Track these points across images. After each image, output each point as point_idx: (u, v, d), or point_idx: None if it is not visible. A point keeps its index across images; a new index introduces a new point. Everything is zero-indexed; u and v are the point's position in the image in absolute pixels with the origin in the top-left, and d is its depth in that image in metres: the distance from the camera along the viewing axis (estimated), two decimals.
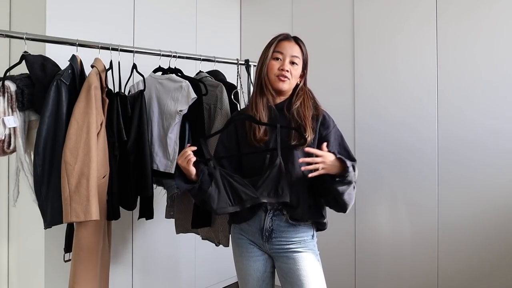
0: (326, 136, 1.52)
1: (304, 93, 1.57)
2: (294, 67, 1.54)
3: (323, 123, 1.53)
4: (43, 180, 1.61)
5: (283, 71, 1.51)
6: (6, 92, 1.55)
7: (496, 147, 2.20)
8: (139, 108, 1.86)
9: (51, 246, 2.09)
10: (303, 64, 1.58)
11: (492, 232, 2.21)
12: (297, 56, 1.54)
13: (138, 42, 2.52)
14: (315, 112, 1.54)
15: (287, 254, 1.50)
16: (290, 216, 1.50)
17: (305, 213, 1.49)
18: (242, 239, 1.59)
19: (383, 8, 2.60)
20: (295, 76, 1.54)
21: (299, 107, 1.53)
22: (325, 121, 1.54)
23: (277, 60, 1.53)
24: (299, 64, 1.55)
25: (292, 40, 1.57)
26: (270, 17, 3.15)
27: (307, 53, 1.59)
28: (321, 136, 1.52)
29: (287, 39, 1.56)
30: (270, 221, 1.51)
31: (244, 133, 1.56)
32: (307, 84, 1.62)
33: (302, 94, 1.56)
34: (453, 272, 2.32)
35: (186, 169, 1.45)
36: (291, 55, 1.53)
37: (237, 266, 1.64)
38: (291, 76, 1.53)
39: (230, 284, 3.16)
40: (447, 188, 2.35)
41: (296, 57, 1.54)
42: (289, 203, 1.46)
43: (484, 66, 2.24)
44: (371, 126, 2.63)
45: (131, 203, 1.90)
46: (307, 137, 1.46)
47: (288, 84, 1.53)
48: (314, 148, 1.44)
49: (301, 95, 1.56)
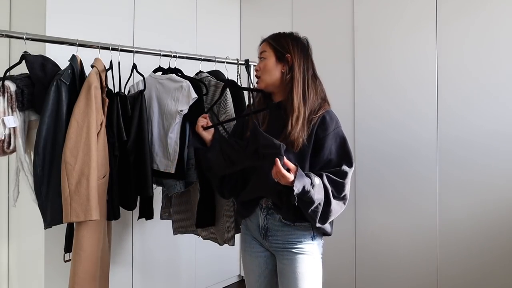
0: (322, 138, 1.44)
1: (291, 82, 1.48)
2: (262, 62, 1.55)
3: (322, 124, 1.45)
4: (43, 180, 1.60)
5: (256, 73, 1.58)
6: (6, 92, 1.55)
7: (497, 149, 2.20)
8: (139, 108, 1.86)
9: (51, 246, 2.09)
10: (276, 52, 1.52)
11: (492, 234, 2.20)
12: (263, 50, 1.56)
13: (138, 42, 2.52)
14: (315, 112, 1.47)
15: (284, 254, 1.51)
16: (282, 216, 1.49)
17: (292, 215, 1.46)
18: (247, 234, 1.64)
19: (383, 8, 2.60)
20: (266, 70, 1.53)
21: (287, 99, 1.48)
22: (325, 122, 1.45)
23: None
24: (267, 57, 1.54)
25: (262, 41, 1.60)
26: (270, 17, 3.15)
27: (283, 41, 1.53)
28: (318, 138, 1.45)
29: (260, 45, 1.61)
30: (265, 220, 1.53)
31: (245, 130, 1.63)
32: (295, 71, 1.48)
33: (287, 85, 1.49)
34: (453, 273, 2.32)
35: (198, 133, 1.61)
36: (259, 54, 1.59)
37: (243, 261, 1.70)
38: (262, 71, 1.55)
39: (230, 284, 3.16)
40: (447, 189, 2.35)
41: (262, 52, 1.56)
42: (276, 203, 1.49)
43: (484, 68, 2.24)
44: (371, 127, 2.63)
45: (131, 203, 1.90)
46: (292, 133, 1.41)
47: (262, 82, 1.56)
48: (309, 149, 1.44)
49: (287, 86, 1.49)
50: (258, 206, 1.55)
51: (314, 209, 1.37)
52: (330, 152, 1.45)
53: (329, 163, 1.45)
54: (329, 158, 1.45)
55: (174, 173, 1.89)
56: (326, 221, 1.43)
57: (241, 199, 1.59)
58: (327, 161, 1.45)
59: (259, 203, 1.55)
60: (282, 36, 1.56)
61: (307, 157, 1.45)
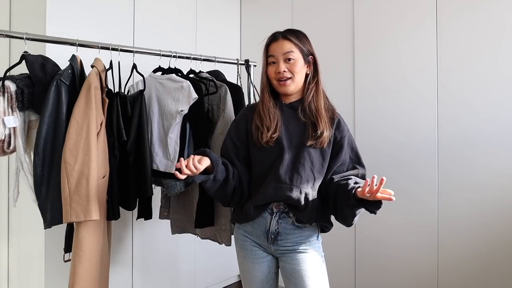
0: (340, 140, 1.51)
1: (315, 84, 1.52)
2: (291, 63, 1.48)
3: (338, 127, 1.51)
4: (43, 180, 1.60)
5: (280, 74, 1.48)
6: (6, 92, 1.55)
7: (497, 147, 2.20)
8: (139, 108, 1.86)
9: (51, 246, 2.09)
10: (303, 54, 1.50)
11: (492, 233, 2.20)
12: (290, 51, 1.48)
13: (138, 42, 2.52)
14: (331, 114, 1.52)
15: (291, 255, 1.49)
16: (296, 218, 1.49)
17: (312, 216, 1.48)
18: (246, 241, 1.57)
19: (383, 8, 2.60)
20: (296, 71, 1.48)
21: (311, 101, 1.50)
22: (340, 125, 1.52)
23: (273, 64, 1.51)
24: (296, 58, 1.48)
25: (281, 37, 1.50)
26: (270, 17, 3.15)
27: (305, 41, 1.52)
28: (336, 140, 1.51)
29: (275, 39, 1.51)
30: (276, 224, 1.49)
31: (251, 132, 1.54)
32: (319, 71, 1.53)
33: (313, 86, 1.52)
34: (453, 273, 2.32)
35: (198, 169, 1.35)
36: (283, 54, 1.48)
37: (241, 268, 1.62)
38: (292, 73, 1.48)
39: (230, 284, 3.16)
40: (447, 188, 2.35)
41: (289, 52, 1.48)
42: (297, 206, 1.45)
43: (483, 67, 2.24)
44: (371, 126, 2.63)
45: (131, 203, 1.90)
46: (324, 133, 1.45)
47: (292, 85, 1.50)
48: (329, 150, 1.49)
49: (311, 88, 1.52)
50: (266, 210, 1.51)
51: (358, 213, 1.42)
52: (346, 153, 1.52)
53: (343, 164, 1.52)
54: (345, 159, 1.52)
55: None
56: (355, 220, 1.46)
57: (254, 203, 1.50)
58: (343, 162, 1.52)
59: (267, 207, 1.51)
60: (301, 34, 1.53)
61: (327, 157, 1.50)
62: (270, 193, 1.46)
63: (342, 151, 1.50)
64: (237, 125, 1.61)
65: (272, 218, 1.50)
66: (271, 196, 1.47)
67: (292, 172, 1.46)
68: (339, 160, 1.50)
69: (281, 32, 1.53)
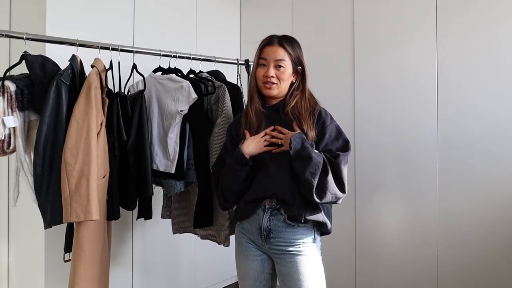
0: (321, 132, 1.52)
1: (300, 92, 1.56)
2: (280, 71, 1.52)
3: (319, 119, 1.53)
4: (43, 180, 1.60)
5: (268, 78, 1.52)
6: (6, 92, 1.55)
7: (497, 152, 2.20)
8: (139, 108, 1.86)
9: (51, 246, 2.09)
10: (294, 63, 1.55)
11: (492, 230, 2.21)
12: (282, 59, 1.51)
13: (138, 42, 2.52)
14: (313, 110, 1.55)
15: (286, 257, 1.50)
16: (288, 216, 1.50)
17: (301, 211, 1.48)
18: (243, 237, 1.60)
19: (383, 10, 2.60)
20: (283, 79, 1.53)
21: (294, 106, 1.54)
22: (321, 117, 1.53)
23: (263, 66, 1.54)
24: (286, 66, 1.52)
25: (276, 43, 1.53)
26: (270, 17, 3.15)
27: (298, 51, 1.56)
28: (317, 133, 1.52)
29: (270, 43, 1.54)
30: (268, 221, 1.52)
31: (242, 133, 1.59)
32: (306, 81, 1.58)
33: (297, 94, 1.56)
34: (453, 273, 2.32)
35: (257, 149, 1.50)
36: (275, 60, 1.52)
37: (236, 264, 1.65)
38: (279, 80, 1.52)
39: (230, 284, 3.16)
40: (447, 189, 2.35)
41: (281, 60, 1.51)
42: (286, 200, 1.47)
43: (484, 72, 2.24)
44: (371, 125, 2.63)
45: (131, 203, 1.90)
46: (308, 134, 1.47)
47: (276, 90, 1.54)
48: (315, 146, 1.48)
49: (296, 95, 1.55)
50: (260, 207, 1.54)
51: (313, 171, 1.40)
52: (327, 144, 1.51)
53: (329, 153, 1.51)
54: (329, 149, 1.51)
55: (174, 173, 1.89)
56: (323, 195, 1.43)
57: (246, 199, 1.55)
58: (327, 151, 1.51)
59: (261, 204, 1.54)
60: (295, 43, 1.57)
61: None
62: (260, 188, 1.51)
63: (323, 141, 1.50)
64: (230, 131, 1.68)
65: (264, 214, 1.53)
66: (261, 191, 1.51)
67: (279, 168, 1.50)
68: (319, 149, 1.50)
69: (277, 37, 1.56)
